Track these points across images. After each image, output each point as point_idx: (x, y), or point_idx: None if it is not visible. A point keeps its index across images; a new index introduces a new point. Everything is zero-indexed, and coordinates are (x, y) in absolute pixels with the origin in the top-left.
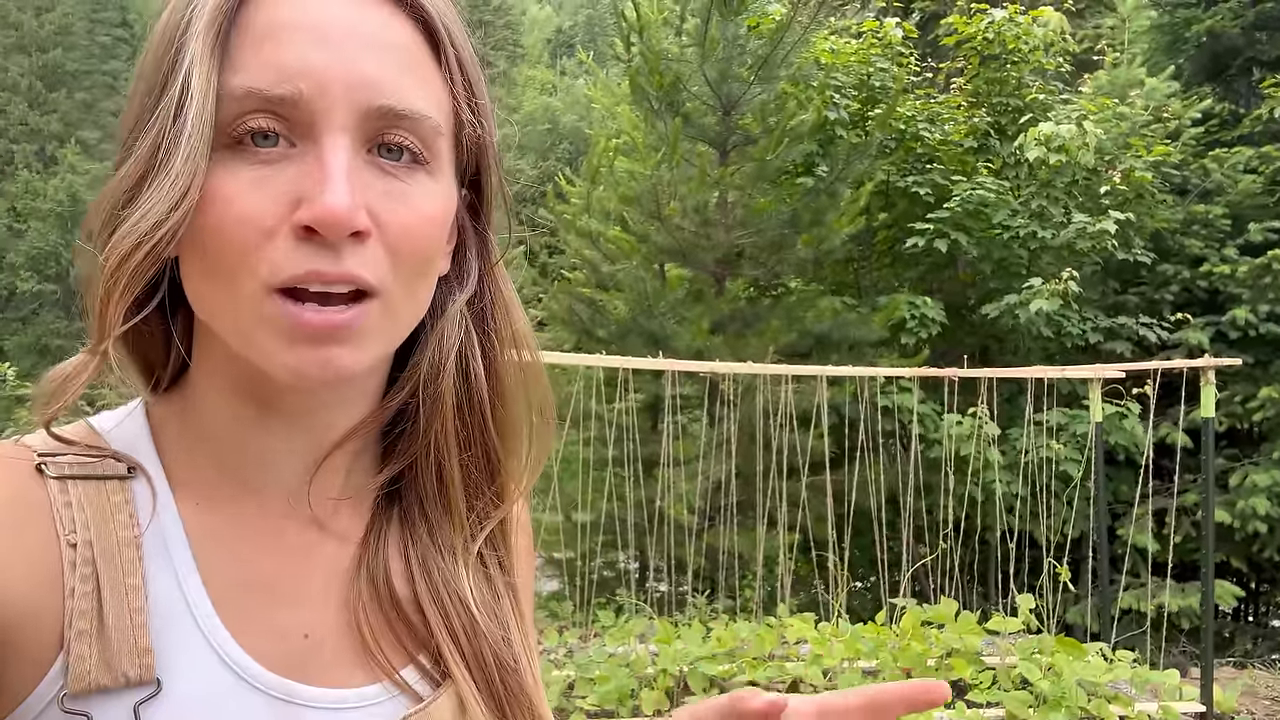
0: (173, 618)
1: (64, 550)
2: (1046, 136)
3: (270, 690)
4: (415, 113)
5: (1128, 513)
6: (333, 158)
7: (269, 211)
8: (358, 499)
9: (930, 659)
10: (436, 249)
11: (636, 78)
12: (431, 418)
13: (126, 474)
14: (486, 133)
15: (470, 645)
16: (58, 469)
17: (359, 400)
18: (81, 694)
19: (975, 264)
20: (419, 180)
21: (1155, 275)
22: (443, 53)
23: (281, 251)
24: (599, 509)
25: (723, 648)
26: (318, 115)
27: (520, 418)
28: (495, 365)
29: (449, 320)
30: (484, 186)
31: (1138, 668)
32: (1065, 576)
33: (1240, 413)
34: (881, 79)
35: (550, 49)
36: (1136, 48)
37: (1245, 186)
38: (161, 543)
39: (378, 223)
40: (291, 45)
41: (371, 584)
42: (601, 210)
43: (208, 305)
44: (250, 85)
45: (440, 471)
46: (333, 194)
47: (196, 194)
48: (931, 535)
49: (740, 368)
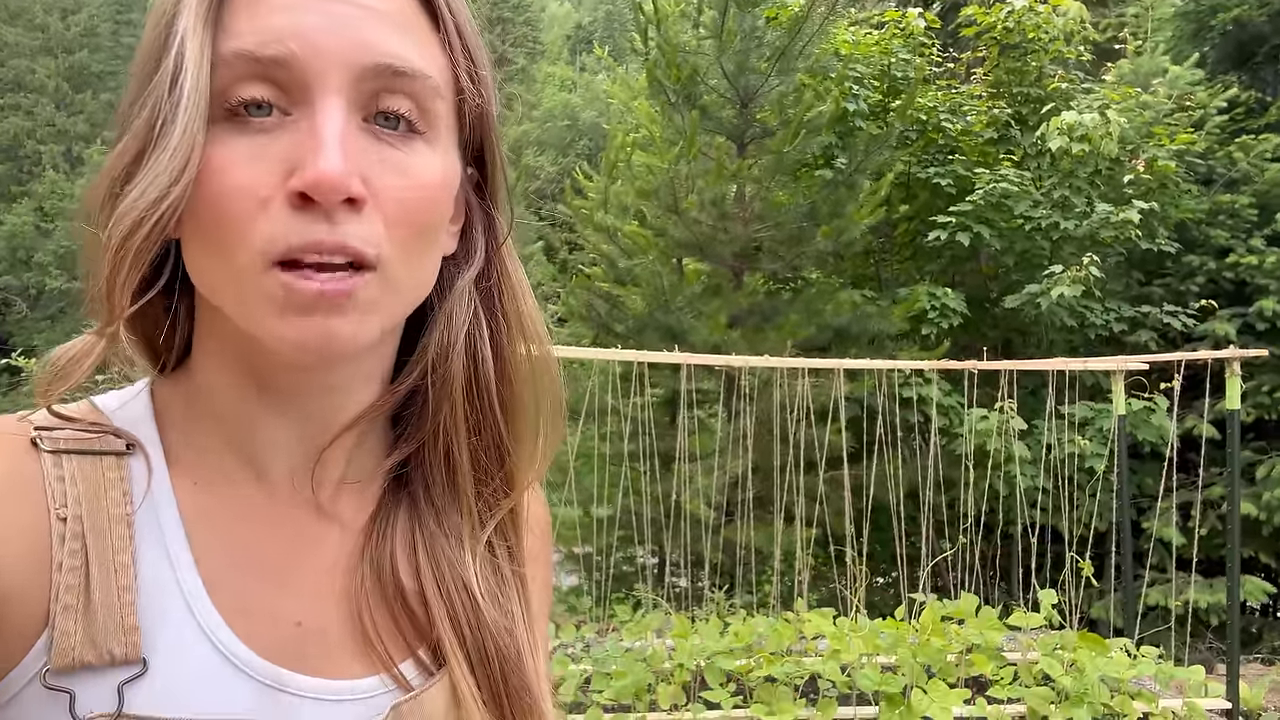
0: (162, 597)
1: (53, 524)
2: (1069, 126)
3: (259, 676)
4: (413, 69)
5: (1152, 506)
6: (326, 122)
7: (264, 181)
8: (365, 484)
9: (950, 655)
10: (436, 220)
11: (654, 71)
12: (440, 400)
13: (124, 450)
14: (487, 103)
15: (473, 636)
16: (53, 443)
17: (364, 383)
18: (65, 670)
19: (997, 256)
20: (416, 149)
21: (1180, 266)
22: (440, 19)
23: (277, 221)
24: (616, 504)
25: (740, 643)
26: (311, 77)
27: (528, 402)
28: (503, 347)
29: (457, 297)
30: (488, 163)
31: (1162, 664)
32: (1088, 571)
33: (1267, 404)
34: (903, 69)
35: (570, 45)
36: (1160, 36)
37: (1272, 175)
38: (155, 521)
39: (373, 191)
40: (283, 8)
41: (375, 574)
42: (619, 205)
43: (208, 279)
44: (240, 47)
45: (449, 456)
46: (326, 159)
47: (196, 166)
48: (952, 530)
49: (757, 361)
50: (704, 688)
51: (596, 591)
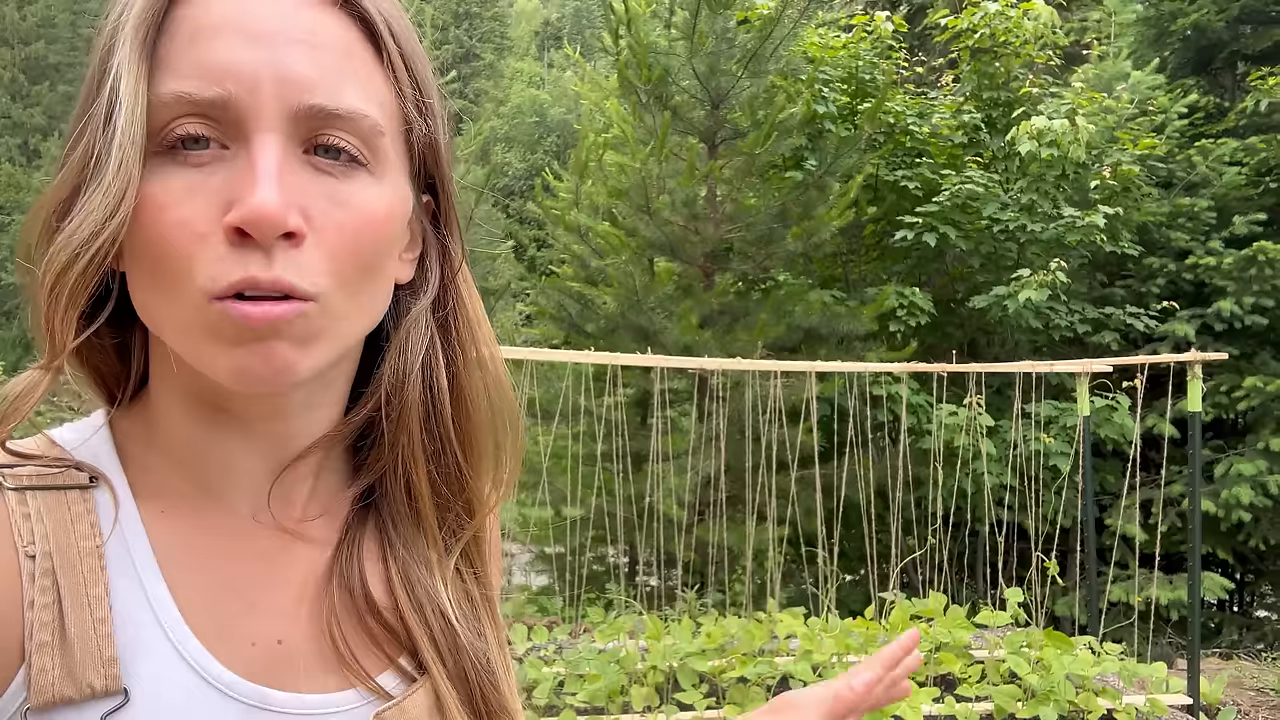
0: (139, 627)
1: (23, 562)
2: (1039, 131)
3: (243, 698)
4: (349, 111)
5: (1114, 504)
6: (262, 157)
7: (202, 216)
8: (331, 513)
9: (919, 653)
10: (380, 250)
11: (625, 71)
12: (398, 431)
13: (88, 484)
14: (435, 132)
15: (453, 657)
16: (15, 480)
17: (320, 409)
18: (44, 707)
19: (964, 258)
20: (359, 181)
21: (1141, 268)
22: (384, 51)
23: (216, 258)
24: (589, 504)
25: (712, 643)
26: (247, 116)
27: (485, 430)
28: (459, 376)
29: (411, 324)
30: (440, 191)
31: (1125, 661)
32: (1053, 570)
33: (1225, 403)
34: (871, 72)
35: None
36: (1122, 41)
37: (1230, 179)
38: (125, 552)
39: (313, 225)
40: (219, 46)
41: (346, 591)
42: (590, 204)
43: (152, 315)
44: (178, 90)
45: (409, 485)
46: (261, 194)
47: (132, 201)
48: (920, 528)
49: (730, 364)
50: (677, 689)
51: (568, 592)
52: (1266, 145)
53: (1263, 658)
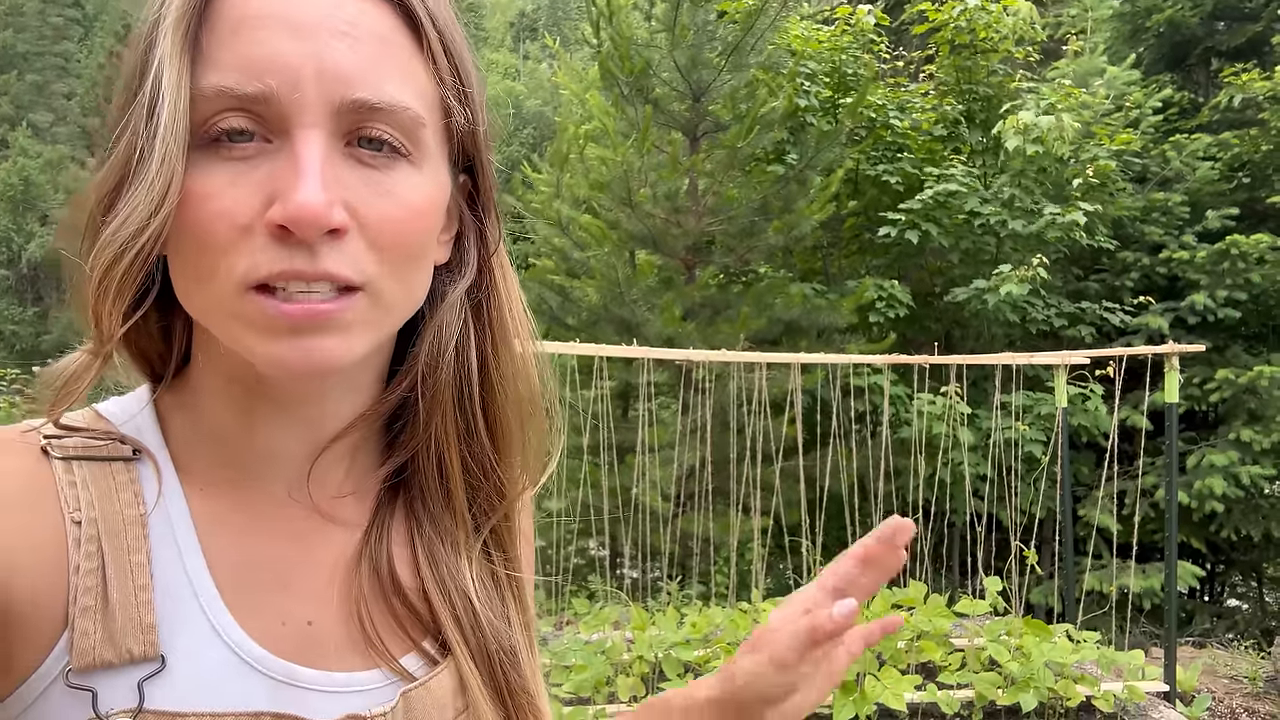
0: (176, 598)
1: (69, 528)
2: (1025, 126)
3: (272, 673)
4: (392, 104)
5: (1088, 495)
6: (305, 154)
7: (244, 208)
8: (364, 491)
9: (900, 642)
10: (423, 240)
11: (607, 63)
12: (432, 410)
13: (132, 456)
14: (476, 123)
15: (475, 637)
16: (63, 450)
17: (357, 391)
18: (86, 670)
19: (943, 253)
20: (401, 171)
21: (1116, 262)
22: (425, 40)
23: (259, 250)
24: (571, 496)
25: (697, 634)
26: (290, 111)
27: (516, 412)
28: (492, 357)
29: (448, 309)
30: (479, 174)
31: (1103, 649)
32: (1033, 560)
33: (1198, 395)
34: (853, 66)
35: (513, 32)
36: (1098, 36)
37: (1203, 174)
38: (167, 524)
39: (357, 217)
40: (262, 39)
41: (374, 573)
42: (571, 197)
43: (193, 302)
44: (221, 84)
45: (441, 465)
46: (304, 192)
47: (175, 197)
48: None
49: (715, 356)
50: (663, 679)
51: (551, 584)
52: (1239, 141)
53: (1234, 646)
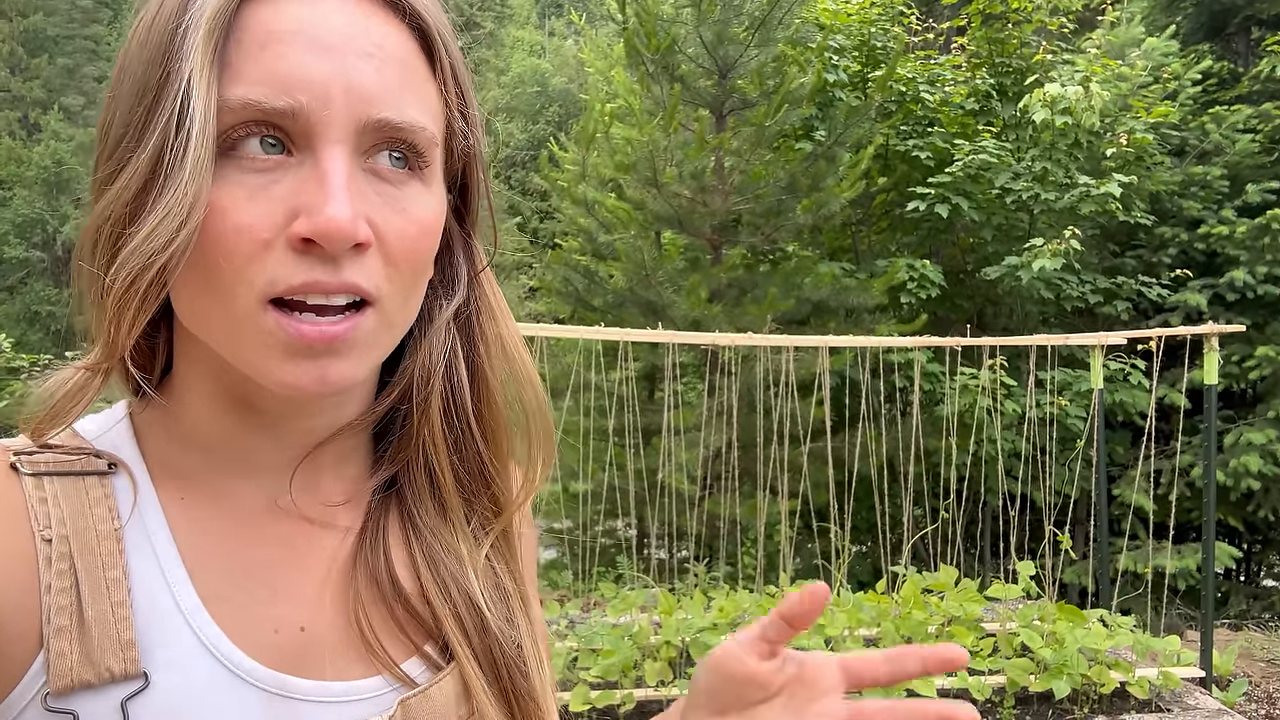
0: (158, 612)
1: (39, 546)
2: (1053, 98)
3: (264, 685)
4: (412, 125)
5: (1123, 474)
6: (333, 169)
7: (265, 222)
8: (355, 499)
9: (931, 626)
10: (429, 256)
11: (632, 40)
12: (420, 424)
13: (106, 470)
14: (476, 141)
15: (481, 640)
16: (33, 466)
17: (348, 402)
18: (64, 691)
19: (975, 228)
20: (414, 188)
21: (1153, 237)
22: (438, 62)
23: (279, 263)
24: (601, 479)
25: (725, 618)
26: (317, 128)
27: (508, 424)
28: (481, 372)
29: (439, 320)
30: (469, 192)
31: (1138, 634)
32: (1067, 544)
33: (1236, 373)
34: (882, 40)
35: (539, 9)
36: (1135, 6)
37: (1243, 146)
38: (144, 536)
39: (376, 232)
40: (290, 55)
41: (371, 577)
42: (597, 177)
43: (201, 318)
44: (248, 97)
45: (432, 474)
46: (334, 206)
47: (202, 211)
48: (932, 501)
49: (742, 339)
50: (690, 664)
51: (578, 565)
52: None
53: (1271, 628)
